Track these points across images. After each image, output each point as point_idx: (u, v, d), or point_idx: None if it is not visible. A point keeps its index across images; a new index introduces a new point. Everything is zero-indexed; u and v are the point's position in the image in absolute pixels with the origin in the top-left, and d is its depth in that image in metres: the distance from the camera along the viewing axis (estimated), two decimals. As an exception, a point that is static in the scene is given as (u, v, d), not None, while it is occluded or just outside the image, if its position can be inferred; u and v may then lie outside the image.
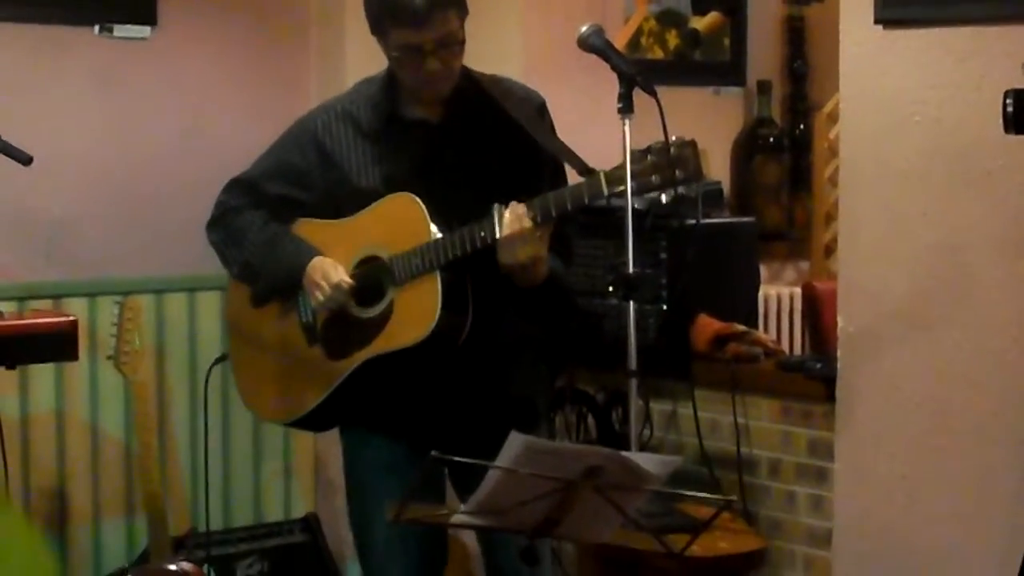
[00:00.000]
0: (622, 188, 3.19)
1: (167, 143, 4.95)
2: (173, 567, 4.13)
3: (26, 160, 3.71)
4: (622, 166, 3.19)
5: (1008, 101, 2.98)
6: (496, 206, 3.29)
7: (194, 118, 5.01)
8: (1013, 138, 3.02)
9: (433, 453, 2.86)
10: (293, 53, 5.22)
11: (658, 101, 3.32)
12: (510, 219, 3.27)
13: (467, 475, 3.10)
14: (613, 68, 3.44)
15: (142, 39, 4.89)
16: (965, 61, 3.67)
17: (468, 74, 3.52)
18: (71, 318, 4.25)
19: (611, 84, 3.43)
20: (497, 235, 3.28)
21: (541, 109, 3.58)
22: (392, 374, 3.51)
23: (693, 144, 3.22)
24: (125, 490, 4.89)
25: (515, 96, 3.55)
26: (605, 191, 3.21)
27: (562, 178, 3.49)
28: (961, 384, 3.77)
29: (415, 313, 3.40)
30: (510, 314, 3.54)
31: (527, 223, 3.26)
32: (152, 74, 4.94)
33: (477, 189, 3.42)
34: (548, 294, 3.47)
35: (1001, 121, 3.00)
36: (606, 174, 3.21)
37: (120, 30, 4.84)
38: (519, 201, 3.28)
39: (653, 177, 3.21)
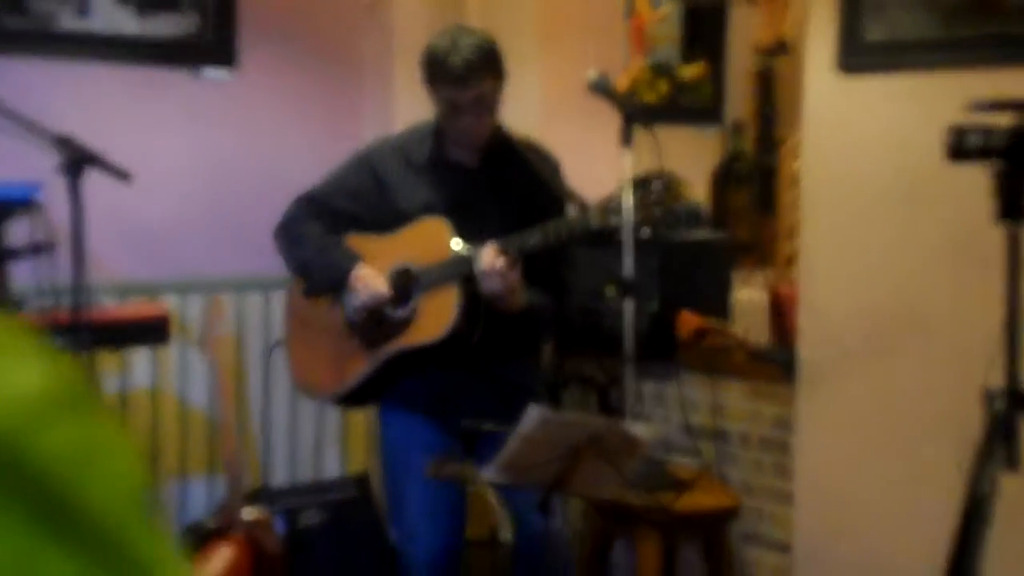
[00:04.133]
0: (607, 221, 3.21)
1: (244, 165, 4.94)
2: (247, 515, 4.11)
3: (125, 176, 3.69)
4: (605, 204, 3.22)
5: (950, 135, 2.94)
6: (473, 248, 3.30)
7: (265, 144, 5.00)
8: (953, 167, 2.98)
9: (464, 423, 2.84)
10: (349, 93, 5.20)
11: (653, 136, 3.29)
12: (485, 258, 3.27)
13: (484, 447, 3.09)
14: (617, 108, 3.41)
15: (225, 80, 4.88)
16: (912, 102, 3.64)
17: (504, 132, 3.54)
18: (164, 309, 4.23)
19: (610, 121, 3.40)
20: (474, 270, 3.29)
21: (557, 168, 3.61)
22: (416, 365, 3.51)
23: (667, 179, 3.22)
24: (208, 452, 4.88)
25: (539, 154, 3.58)
26: (592, 225, 3.24)
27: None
28: (901, 370, 3.75)
29: (435, 317, 3.42)
30: (515, 322, 3.54)
31: (499, 261, 3.26)
32: (232, 109, 4.93)
33: (499, 222, 3.43)
34: (523, 321, 3.46)
35: (944, 152, 2.96)
36: (591, 212, 3.25)
37: (207, 72, 4.83)
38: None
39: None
